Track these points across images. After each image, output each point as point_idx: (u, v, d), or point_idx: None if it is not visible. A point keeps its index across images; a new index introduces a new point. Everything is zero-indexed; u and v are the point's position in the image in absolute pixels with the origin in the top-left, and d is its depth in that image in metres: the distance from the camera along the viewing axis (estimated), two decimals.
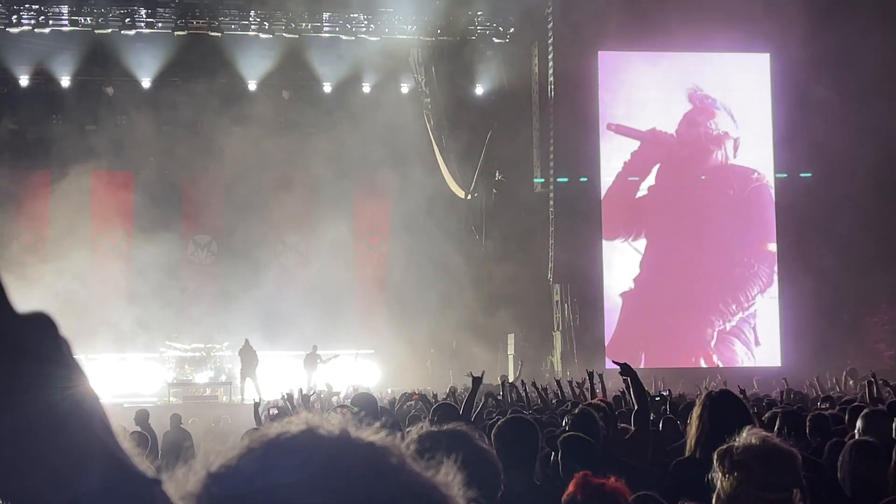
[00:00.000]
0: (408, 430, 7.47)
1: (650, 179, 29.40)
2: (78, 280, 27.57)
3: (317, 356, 26.71)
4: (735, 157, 29.68)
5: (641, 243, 29.29)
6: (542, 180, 30.12)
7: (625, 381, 8.04)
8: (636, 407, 6.98)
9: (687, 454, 4.97)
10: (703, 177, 29.59)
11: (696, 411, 5.03)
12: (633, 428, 7.15)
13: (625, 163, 29.28)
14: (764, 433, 3.26)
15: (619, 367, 7.16)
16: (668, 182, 29.35)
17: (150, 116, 28.69)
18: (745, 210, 29.64)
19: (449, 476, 1.14)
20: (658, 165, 29.40)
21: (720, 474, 3.15)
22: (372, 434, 1.11)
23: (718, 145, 29.69)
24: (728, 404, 4.92)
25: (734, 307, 29.21)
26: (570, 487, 3.23)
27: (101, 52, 29.34)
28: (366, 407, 5.64)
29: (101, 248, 30.03)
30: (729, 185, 29.64)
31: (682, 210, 29.18)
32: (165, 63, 29.59)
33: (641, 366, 26.43)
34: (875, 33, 26.50)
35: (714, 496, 3.18)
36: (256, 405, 12.65)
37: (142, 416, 14.95)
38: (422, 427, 2.62)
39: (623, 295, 29.01)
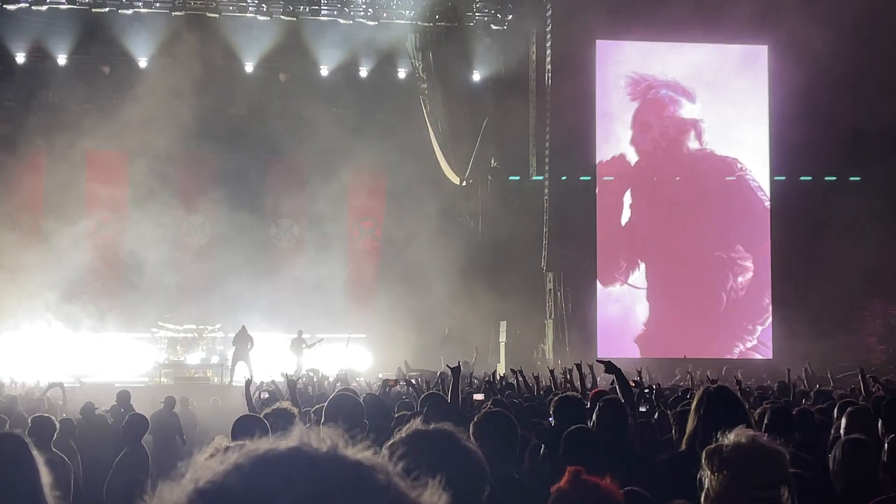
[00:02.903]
0: (398, 414, 7.45)
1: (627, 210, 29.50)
2: (71, 259, 27.55)
3: (302, 340, 26.77)
4: (702, 143, 29.61)
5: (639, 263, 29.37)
6: (540, 178, 30.14)
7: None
8: (622, 401, 7.04)
9: (683, 448, 4.99)
10: (676, 178, 29.62)
11: (692, 406, 5.05)
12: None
13: (606, 194, 29.40)
14: (752, 432, 3.27)
15: (604, 365, 7.25)
16: (647, 201, 29.41)
17: (146, 96, 28.58)
18: (737, 204, 29.69)
19: (435, 496, 1.14)
20: (629, 190, 29.49)
21: (709, 473, 3.16)
22: (360, 451, 1.11)
23: (683, 136, 29.65)
24: (724, 401, 4.93)
25: (727, 300, 29.29)
26: (562, 483, 3.23)
27: (98, 31, 29.25)
28: (349, 411, 5.60)
29: (95, 227, 29.95)
30: (707, 177, 29.61)
31: (669, 220, 29.23)
32: (162, 43, 29.48)
33: (636, 356, 26.56)
34: (874, 26, 26.51)
35: (703, 495, 3.19)
36: (248, 383, 12.60)
37: (123, 397, 14.96)
38: (411, 426, 2.63)
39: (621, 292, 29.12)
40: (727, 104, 29.70)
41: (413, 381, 14.02)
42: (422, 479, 1.17)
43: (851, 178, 29.83)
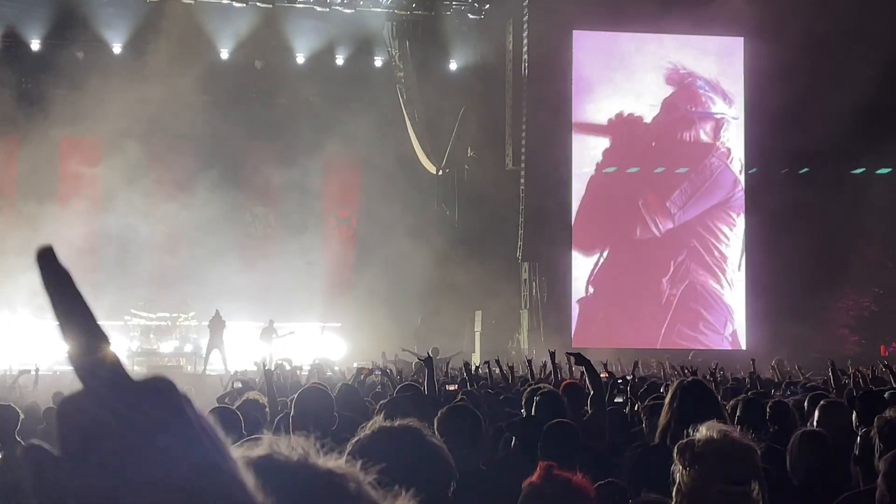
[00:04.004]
0: (376, 405, 7.42)
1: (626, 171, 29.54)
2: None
3: (273, 330, 26.74)
4: (718, 138, 29.75)
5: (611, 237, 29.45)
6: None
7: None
8: (592, 392, 7.09)
9: (656, 442, 5.00)
10: (679, 169, 29.65)
11: (666, 400, 5.06)
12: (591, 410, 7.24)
13: (597, 164, 29.39)
14: (723, 426, 3.28)
15: (574, 357, 7.31)
16: (623, 193, 29.52)
17: (121, 83, 28.37)
18: (716, 193, 29.81)
19: None
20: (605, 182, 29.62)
21: (681, 467, 3.17)
22: (331, 460, 1.10)
23: (699, 127, 29.78)
24: (698, 394, 4.94)
25: (702, 290, 29.41)
26: (534, 478, 3.23)
27: (72, 17, 29.04)
28: (318, 405, 5.58)
29: (69, 213, 29.73)
30: (708, 171, 29.76)
31: (655, 199, 29.31)
32: (137, 29, 29.32)
33: (611, 346, 26.62)
34: (851, 19, 26.61)
35: (674, 489, 3.20)
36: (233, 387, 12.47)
37: None
38: (375, 422, 2.62)
39: (592, 281, 29.19)
40: (701, 95, 29.83)
41: (388, 371, 13.98)
42: (387, 478, 1.16)
43: (826, 170, 29.97)
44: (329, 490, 1.07)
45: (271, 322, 26.93)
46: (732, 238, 29.73)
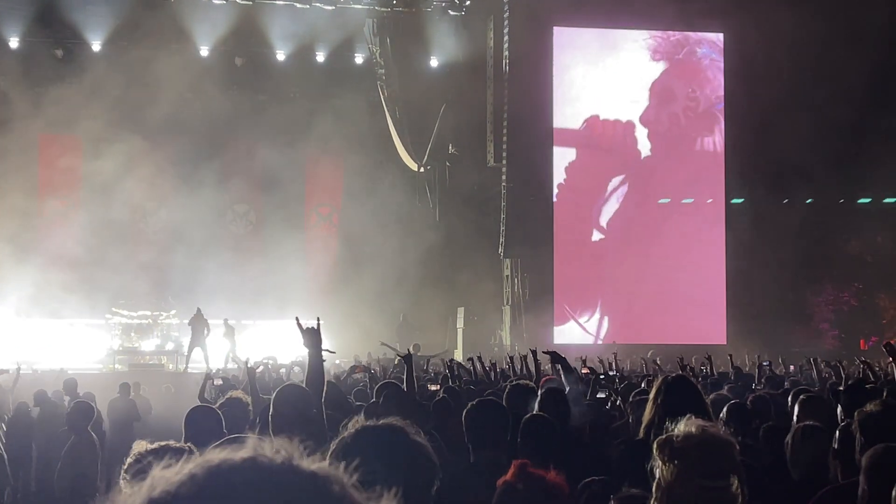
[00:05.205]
0: (358, 404, 7.42)
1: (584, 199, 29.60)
2: (24, 244, 27.25)
3: (231, 328, 26.68)
4: (699, 130, 29.77)
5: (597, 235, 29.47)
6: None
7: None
8: (567, 388, 7.13)
9: (640, 437, 5.01)
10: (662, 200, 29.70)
11: (651, 395, 5.07)
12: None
13: (564, 181, 29.46)
14: (702, 422, 3.30)
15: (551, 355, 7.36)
16: (603, 188, 29.54)
17: (100, 80, 28.21)
18: (693, 193, 29.90)
19: None
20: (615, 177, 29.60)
21: (661, 463, 3.18)
22: (315, 462, 1.11)
23: (701, 125, 29.91)
24: (682, 390, 4.94)
25: (683, 286, 29.49)
26: (509, 476, 3.23)
27: (52, 14, 28.88)
28: (297, 404, 5.57)
29: (48, 212, 29.65)
30: (666, 162, 29.79)
31: (641, 210, 29.38)
32: (116, 27, 29.17)
33: (592, 342, 26.71)
34: (832, 15, 26.72)
35: (654, 484, 3.21)
36: (207, 377, 12.51)
37: (70, 385, 14.88)
38: (357, 421, 2.61)
39: (574, 278, 29.25)
40: (683, 94, 29.89)
41: (371, 370, 13.98)
42: (370, 477, 1.17)
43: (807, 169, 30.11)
44: (313, 491, 1.07)
45: (226, 320, 26.83)
46: (715, 235, 29.80)
